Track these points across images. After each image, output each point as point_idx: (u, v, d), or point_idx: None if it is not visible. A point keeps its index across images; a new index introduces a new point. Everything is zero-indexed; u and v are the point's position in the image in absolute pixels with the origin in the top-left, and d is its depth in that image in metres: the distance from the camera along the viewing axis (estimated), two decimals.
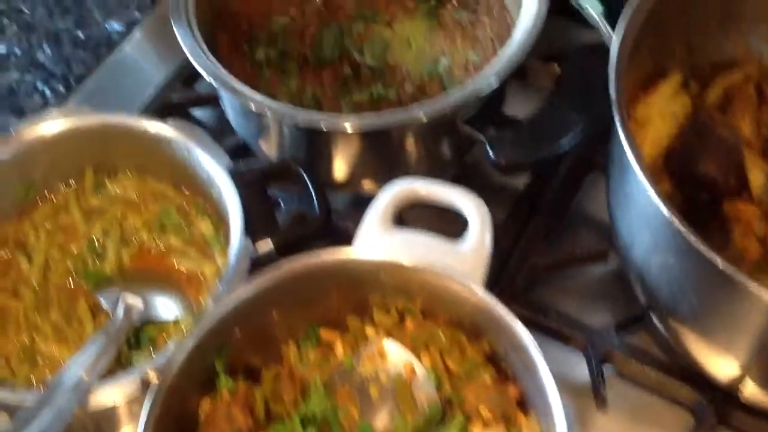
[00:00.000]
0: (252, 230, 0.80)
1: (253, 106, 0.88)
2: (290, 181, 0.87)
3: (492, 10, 1.03)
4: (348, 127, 0.85)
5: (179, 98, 1.09)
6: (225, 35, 1.03)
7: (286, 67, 1.00)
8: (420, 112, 0.85)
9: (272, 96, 0.97)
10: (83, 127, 0.88)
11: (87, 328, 0.84)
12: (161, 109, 1.08)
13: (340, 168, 0.94)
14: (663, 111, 0.89)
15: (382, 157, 0.94)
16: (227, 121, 1.05)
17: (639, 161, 0.76)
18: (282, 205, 0.98)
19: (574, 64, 0.88)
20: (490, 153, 0.83)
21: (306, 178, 0.84)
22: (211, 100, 1.08)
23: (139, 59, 1.15)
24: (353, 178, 0.96)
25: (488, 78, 0.86)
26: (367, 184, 0.97)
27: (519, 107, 1.00)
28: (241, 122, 1.01)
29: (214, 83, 0.90)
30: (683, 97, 0.91)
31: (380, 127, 0.86)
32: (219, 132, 1.09)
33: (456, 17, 1.03)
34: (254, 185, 0.84)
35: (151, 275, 0.88)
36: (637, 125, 0.88)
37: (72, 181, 0.92)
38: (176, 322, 0.83)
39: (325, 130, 0.87)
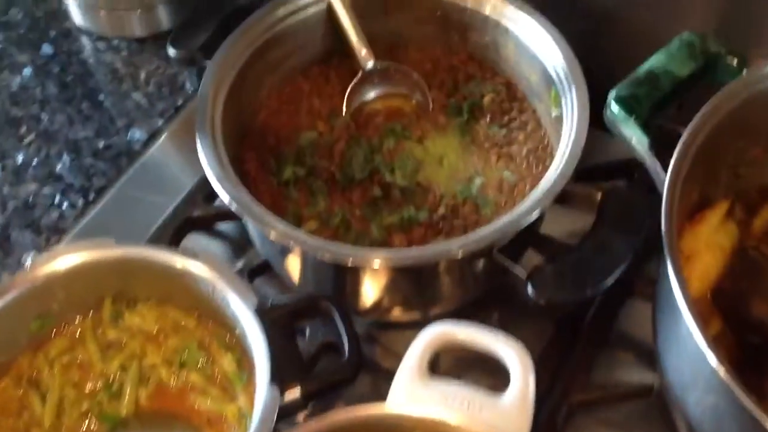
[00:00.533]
0: (279, 375, 0.76)
1: (275, 236, 0.84)
2: (319, 316, 0.83)
3: (526, 127, 0.99)
4: (377, 263, 0.81)
5: (202, 214, 1.05)
6: (252, 152, 1.00)
7: (314, 186, 0.97)
8: (455, 248, 0.81)
9: (300, 217, 0.94)
10: (103, 260, 0.85)
11: None
12: (183, 224, 1.05)
13: (368, 298, 0.90)
14: (710, 242, 0.84)
15: (412, 287, 0.89)
16: (246, 236, 1.02)
17: (689, 307, 0.71)
18: (307, 331, 0.93)
19: (615, 189, 0.84)
20: (530, 291, 0.79)
21: (338, 317, 0.79)
22: (234, 216, 1.05)
23: (162, 170, 1.11)
24: (380, 307, 0.91)
25: (526, 210, 0.82)
26: (395, 312, 0.93)
27: (555, 226, 0.96)
28: (264, 245, 0.97)
29: (236, 210, 0.87)
30: (730, 225, 0.87)
31: (412, 264, 0.81)
32: (241, 247, 1.06)
33: (489, 133, 0.99)
34: (282, 323, 0.79)
35: (170, 417, 0.83)
36: (683, 258, 0.83)
37: (89, 312, 0.88)
38: None
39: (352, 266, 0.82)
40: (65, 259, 0.84)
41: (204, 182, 1.07)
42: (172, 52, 0.99)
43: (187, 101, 1.18)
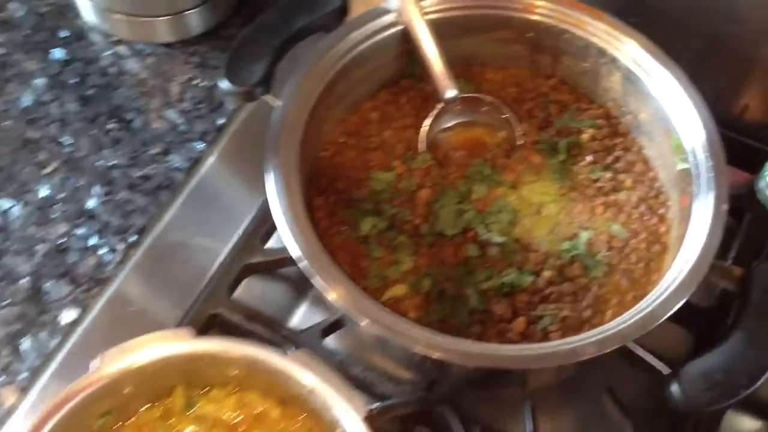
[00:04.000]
0: None
1: (358, 318, 0.74)
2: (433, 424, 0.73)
3: (633, 168, 0.89)
4: (494, 362, 0.71)
5: (261, 260, 0.94)
6: (320, 197, 0.88)
7: (396, 241, 0.85)
8: (590, 349, 0.71)
9: (384, 279, 0.84)
10: (181, 354, 0.73)
11: None
12: (241, 273, 0.93)
13: (453, 381, 0.80)
14: None
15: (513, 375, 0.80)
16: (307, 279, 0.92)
17: None
18: None
19: (762, 269, 0.75)
20: (675, 393, 0.70)
21: (457, 426, 0.70)
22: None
23: (208, 206, 0.98)
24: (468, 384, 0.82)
25: (665, 301, 0.72)
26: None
27: None
28: None
29: (319, 287, 0.76)
30: None
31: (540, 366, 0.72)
32: (301, 292, 0.96)
33: (592, 177, 0.89)
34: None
35: None
36: None
37: (158, 401, 0.77)
38: None
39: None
40: (137, 354, 0.73)
41: (260, 222, 0.96)
42: (226, 85, 0.85)
43: (229, 121, 1.04)
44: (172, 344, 0.73)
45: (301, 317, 0.96)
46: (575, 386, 0.87)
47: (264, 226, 0.96)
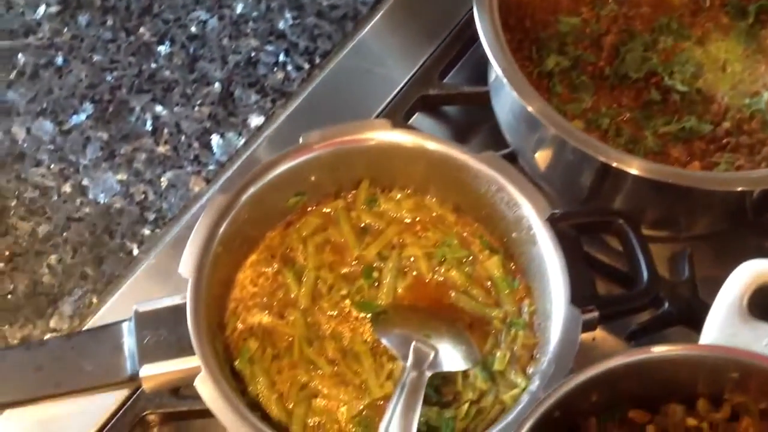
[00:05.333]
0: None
1: (548, 122, 0.78)
2: (609, 234, 0.77)
3: None
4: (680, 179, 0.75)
5: (438, 93, 0.98)
6: (507, 34, 0.91)
7: (578, 81, 0.88)
8: None
9: (563, 113, 0.87)
10: (375, 144, 0.79)
11: (365, 366, 0.76)
12: (416, 103, 0.98)
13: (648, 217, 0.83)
14: None
15: (684, 206, 0.83)
16: (475, 120, 0.97)
17: None
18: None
19: None
20: None
21: (633, 239, 0.74)
22: (469, 100, 0.98)
23: (389, 40, 1.03)
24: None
25: None
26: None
27: None
28: (517, 133, 0.90)
29: (521, 100, 0.80)
30: None
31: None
32: (463, 134, 1.00)
33: None
34: (570, 236, 0.74)
35: (427, 313, 0.79)
36: None
37: (343, 193, 0.83)
38: (464, 374, 0.75)
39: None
40: (337, 138, 0.79)
41: (439, 59, 1.01)
42: None
43: None
44: (371, 133, 0.79)
45: None
46: (730, 245, 0.89)
47: (442, 62, 1.01)
